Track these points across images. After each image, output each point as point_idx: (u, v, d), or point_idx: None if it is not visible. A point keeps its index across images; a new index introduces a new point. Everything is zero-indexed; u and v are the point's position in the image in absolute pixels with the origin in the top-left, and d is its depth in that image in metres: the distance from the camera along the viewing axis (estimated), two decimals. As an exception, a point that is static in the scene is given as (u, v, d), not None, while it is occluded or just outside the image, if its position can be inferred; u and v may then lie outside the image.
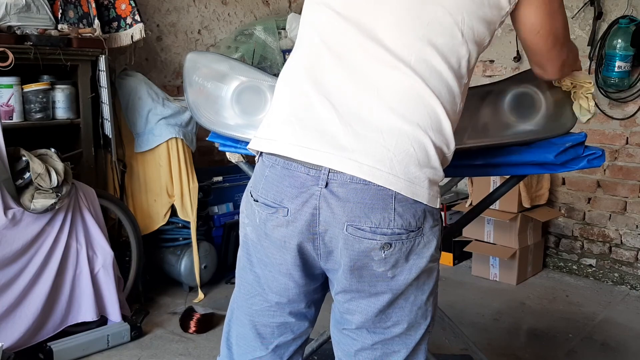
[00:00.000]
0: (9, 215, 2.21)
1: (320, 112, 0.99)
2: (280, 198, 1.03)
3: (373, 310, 1.04)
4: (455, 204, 3.58)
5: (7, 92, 2.44)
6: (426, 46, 1.00)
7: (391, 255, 0.99)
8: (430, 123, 0.98)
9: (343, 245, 1.00)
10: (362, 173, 0.95)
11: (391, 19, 1.02)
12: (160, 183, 2.94)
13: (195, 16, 3.52)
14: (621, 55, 2.97)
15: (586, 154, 1.29)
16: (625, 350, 2.54)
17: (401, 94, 0.98)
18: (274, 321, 1.16)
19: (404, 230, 0.98)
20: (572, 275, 3.44)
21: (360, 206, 0.96)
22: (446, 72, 1.01)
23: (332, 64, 1.02)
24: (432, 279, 1.05)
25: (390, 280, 1.01)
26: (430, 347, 1.83)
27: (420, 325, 1.07)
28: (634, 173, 3.20)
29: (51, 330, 2.37)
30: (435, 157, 0.99)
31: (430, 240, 1.01)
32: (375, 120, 0.97)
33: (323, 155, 0.97)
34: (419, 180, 0.97)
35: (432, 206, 1.00)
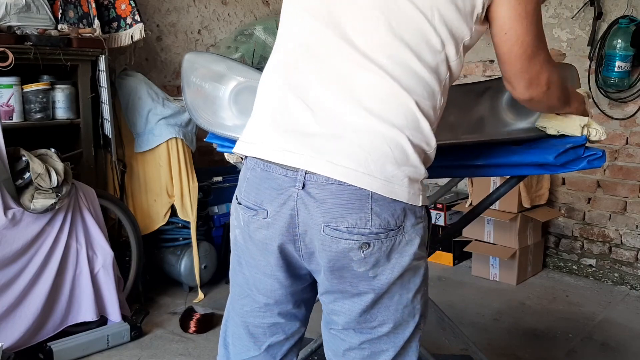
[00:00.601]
0: (9, 215, 2.21)
1: (297, 115, 1.01)
2: (260, 200, 1.05)
3: (357, 311, 1.04)
4: (455, 204, 3.58)
5: (7, 92, 2.44)
6: (397, 44, 1.00)
7: (371, 255, 0.99)
8: (407, 122, 0.98)
9: (321, 246, 1.00)
10: (337, 174, 0.96)
11: (360, 18, 1.02)
12: (160, 183, 2.94)
13: (195, 16, 3.52)
14: (621, 55, 2.97)
15: (586, 154, 1.29)
16: (625, 350, 2.54)
17: (375, 94, 0.98)
18: (264, 322, 1.17)
19: (382, 229, 0.98)
20: (572, 275, 3.44)
21: (336, 207, 0.97)
22: (420, 69, 1.00)
23: (308, 67, 1.04)
24: (418, 276, 1.04)
25: (373, 279, 1.01)
26: (430, 347, 1.84)
27: (409, 323, 1.06)
28: (634, 173, 3.20)
29: (51, 330, 2.37)
30: (414, 155, 0.99)
31: (412, 238, 1.01)
32: (350, 121, 0.97)
33: (300, 157, 0.99)
34: (397, 179, 0.97)
35: (413, 204, 1.00)
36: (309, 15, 1.07)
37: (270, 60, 1.13)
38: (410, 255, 1.01)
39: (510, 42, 1.06)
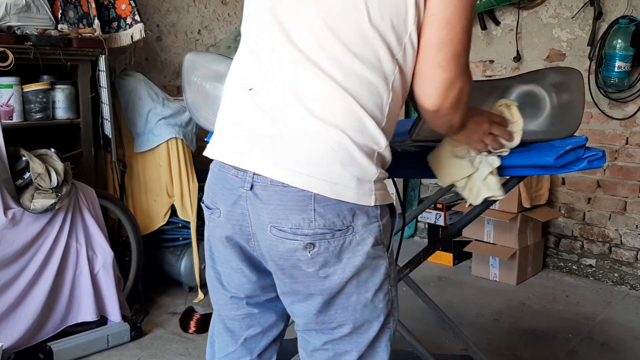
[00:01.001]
0: (9, 215, 2.21)
1: (249, 116, 1.02)
2: (215, 199, 1.09)
3: (312, 312, 1.04)
4: (455, 204, 3.58)
5: (7, 92, 2.44)
6: (334, 43, 0.99)
7: (318, 255, 0.99)
8: (349, 122, 0.97)
9: (269, 245, 1.02)
10: (281, 176, 0.97)
11: (301, 18, 1.02)
12: (160, 183, 2.94)
13: (195, 16, 3.52)
14: (621, 55, 2.97)
15: (587, 155, 1.29)
16: (625, 350, 2.54)
17: (316, 95, 0.98)
18: (238, 314, 1.18)
19: (327, 230, 0.98)
20: (572, 275, 3.44)
21: (281, 208, 0.98)
22: (360, 67, 0.98)
23: (259, 69, 1.04)
24: (377, 276, 1.03)
25: (324, 280, 1.01)
26: (430, 347, 1.84)
27: (372, 323, 1.05)
28: (634, 173, 3.20)
29: (51, 330, 2.37)
30: (361, 155, 0.98)
31: (364, 238, 1.00)
32: (295, 123, 0.98)
33: (248, 158, 1.01)
34: (343, 180, 0.97)
35: (363, 204, 0.99)
36: (260, 13, 1.07)
37: (234, 60, 1.14)
38: (362, 255, 1.00)
39: (437, 25, 0.99)
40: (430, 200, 2.09)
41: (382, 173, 1.02)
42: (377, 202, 1.00)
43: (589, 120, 3.29)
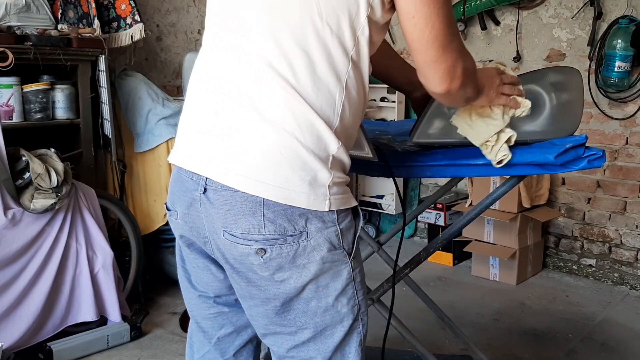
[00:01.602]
0: (8, 215, 2.21)
1: (203, 118, 1.01)
2: (173, 201, 1.09)
3: (271, 314, 1.02)
4: (455, 204, 3.58)
5: (7, 92, 2.44)
6: (284, 39, 0.95)
7: (271, 260, 0.97)
8: (298, 124, 0.94)
9: (223, 248, 1.01)
10: (229, 181, 0.95)
11: (254, 15, 0.99)
12: (160, 183, 2.94)
13: (195, 16, 3.52)
14: (621, 55, 2.97)
15: (587, 154, 1.29)
16: (625, 350, 2.54)
17: (264, 96, 0.95)
18: (209, 313, 1.18)
19: (278, 235, 0.96)
20: (572, 275, 3.44)
21: (231, 213, 0.97)
22: (309, 64, 0.95)
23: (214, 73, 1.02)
24: (338, 280, 1.01)
25: (280, 284, 0.99)
26: (430, 347, 1.84)
27: (335, 328, 1.03)
28: (634, 173, 3.20)
29: (51, 330, 2.37)
30: (312, 159, 0.95)
31: (320, 243, 0.98)
32: (244, 125, 0.96)
33: (200, 162, 1.00)
34: (293, 184, 0.94)
35: (316, 209, 0.96)
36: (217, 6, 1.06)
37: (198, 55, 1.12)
38: (318, 260, 0.98)
39: (419, 26, 0.97)
40: (430, 200, 2.08)
41: (339, 177, 0.99)
42: (332, 207, 0.97)
43: (589, 120, 3.29)
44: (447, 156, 1.37)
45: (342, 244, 1.00)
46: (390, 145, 1.51)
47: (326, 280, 1.00)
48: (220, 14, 1.04)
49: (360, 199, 4.04)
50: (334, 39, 0.96)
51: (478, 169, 1.39)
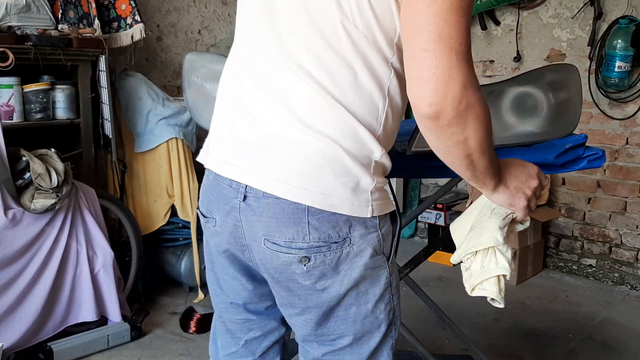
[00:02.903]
0: (9, 215, 2.22)
1: (239, 125, 0.99)
2: (210, 208, 1.06)
3: (311, 324, 1.01)
4: (455, 204, 3.58)
5: (7, 92, 2.44)
6: (318, 41, 0.92)
7: (314, 268, 0.95)
8: (341, 132, 0.92)
9: (262, 258, 0.99)
10: (272, 188, 0.93)
11: (287, 17, 0.95)
12: (160, 183, 2.94)
13: (196, 16, 3.52)
14: (621, 55, 2.97)
15: (586, 154, 1.29)
16: (625, 350, 2.54)
17: (305, 103, 0.92)
18: (238, 318, 1.17)
19: (322, 242, 0.94)
20: (572, 275, 3.44)
21: (274, 220, 0.94)
22: (350, 73, 0.92)
23: (246, 70, 1.00)
24: (377, 286, 1.00)
25: (322, 292, 0.97)
26: (430, 347, 1.84)
27: (373, 334, 1.02)
28: (634, 173, 3.20)
29: (51, 330, 2.37)
30: (356, 166, 0.92)
31: (362, 249, 0.96)
32: (284, 131, 0.93)
33: (239, 170, 0.97)
34: (336, 191, 0.92)
35: (359, 216, 0.94)
36: (252, 8, 1.01)
37: (225, 64, 1.09)
38: (360, 266, 0.96)
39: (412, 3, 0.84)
40: (430, 200, 2.09)
41: (380, 182, 0.97)
42: (374, 213, 0.95)
43: (589, 120, 3.29)
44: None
45: (382, 249, 0.99)
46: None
47: (366, 286, 0.99)
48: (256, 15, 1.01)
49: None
50: (371, 47, 0.92)
51: (478, 169, 1.38)
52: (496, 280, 1.03)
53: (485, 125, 0.88)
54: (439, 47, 0.82)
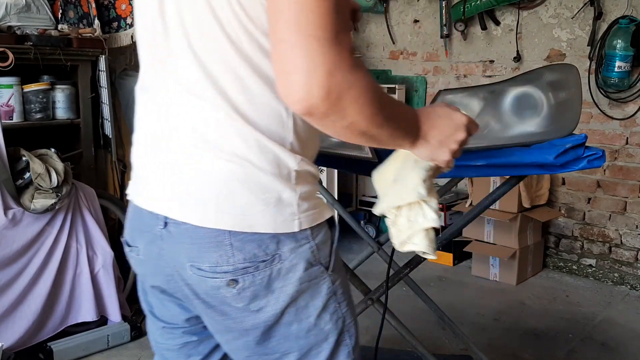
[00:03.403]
0: (9, 215, 2.22)
1: (153, 154, 0.95)
2: (133, 237, 1.02)
3: (251, 346, 0.96)
4: (455, 204, 3.58)
5: (7, 92, 2.44)
6: (210, 63, 0.86)
7: (244, 290, 0.90)
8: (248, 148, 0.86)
9: (192, 284, 0.93)
10: (187, 216, 0.89)
11: (175, 38, 0.90)
12: (160, 183, 2.94)
13: (195, 16, 3.52)
14: (621, 55, 2.97)
15: (586, 154, 1.29)
16: (625, 350, 2.54)
17: (210, 125, 0.87)
18: (175, 344, 1.09)
19: (248, 263, 0.88)
20: (572, 275, 3.44)
21: (196, 246, 0.90)
22: (240, 85, 0.85)
23: (153, 101, 0.96)
24: (318, 298, 0.94)
25: (258, 313, 0.92)
26: (430, 347, 1.84)
27: (321, 346, 0.97)
28: (634, 173, 3.20)
29: (51, 330, 2.37)
30: (272, 180, 0.87)
31: (295, 264, 0.90)
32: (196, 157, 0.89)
33: (155, 199, 0.94)
34: (255, 210, 0.87)
35: (285, 231, 0.89)
36: (143, 31, 0.97)
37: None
38: (295, 282, 0.91)
39: None
40: (430, 200, 2.08)
41: (307, 192, 0.91)
42: (303, 225, 0.90)
43: (589, 120, 3.29)
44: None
45: (319, 259, 0.93)
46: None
47: (305, 300, 0.93)
48: (149, 39, 0.96)
49: (360, 199, 4.04)
50: (254, 48, 0.84)
51: (478, 170, 1.39)
52: (425, 234, 1.01)
53: (370, 101, 0.79)
54: (298, 37, 0.74)
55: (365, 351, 2.31)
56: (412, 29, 3.97)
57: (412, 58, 4.01)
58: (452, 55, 3.78)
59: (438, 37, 3.77)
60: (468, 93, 1.45)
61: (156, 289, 1.04)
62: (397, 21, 4.03)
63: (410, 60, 4.02)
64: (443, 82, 3.86)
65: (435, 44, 3.86)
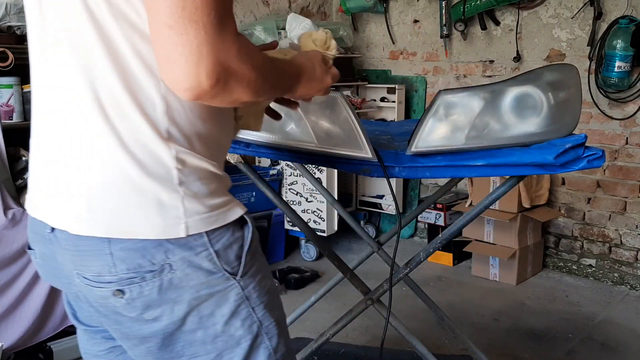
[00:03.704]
0: (9, 215, 2.22)
1: (37, 165, 0.91)
2: (32, 239, 0.98)
3: (154, 351, 0.90)
4: (455, 204, 3.58)
5: (7, 92, 2.44)
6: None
7: (133, 300, 0.84)
8: (118, 141, 0.79)
9: (82, 292, 0.89)
10: (64, 224, 0.84)
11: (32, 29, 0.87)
12: (160, 183, 2.94)
13: (195, 16, 3.52)
14: (621, 55, 2.98)
15: (586, 154, 1.29)
16: (625, 350, 2.54)
17: (80, 125, 0.82)
18: (100, 349, 1.06)
19: (133, 274, 0.82)
20: (571, 275, 3.44)
21: (78, 255, 0.85)
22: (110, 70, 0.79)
23: (37, 111, 0.91)
24: (225, 306, 0.88)
25: (154, 322, 0.86)
26: (430, 347, 1.84)
27: (233, 351, 0.91)
28: (634, 173, 3.20)
29: (51, 330, 2.37)
30: (147, 178, 0.80)
31: (189, 273, 0.84)
32: (72, 163, 0.84)
33: (37, 205, 0.91)
34: (133, 215, 0.80)
35: (170, 237, 0.81)
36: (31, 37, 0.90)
37: None
38: (191, 291, 0.85)
39: None
40: (430, 200, 2.09)
41: (196, 192, 0.83)
42: (191, 231, 0.82)
43: (589, 120, 3.29)
44: (447, 157, 1.37)
45: (221, 267, 0.86)
46: (390, 145, 1.51)
47: (209, 308, 0.87)
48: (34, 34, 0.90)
49: (360, 199, 4.04)
50: (118, 20, 0.78)
51: (477, 170, 1.39)
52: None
53: (255, 78, 0.78)
54: (184, 23, 0.70)
55: (368, 351, 2.32)
56: (412, 29, 3.97)
57: (412, 58, 4.01)
58: (452, 55, 3.78)
59: (438, 37, 3.77)
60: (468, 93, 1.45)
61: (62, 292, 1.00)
62: (397, 21, 4.03)
63: (410, 60, 4.02)
64: (443, 82, 3.86)
65: (435, 44, 3.86)
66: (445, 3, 3.62)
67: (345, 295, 2.78)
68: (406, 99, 3.97)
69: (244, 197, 3.40)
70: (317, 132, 1.41)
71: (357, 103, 3.78)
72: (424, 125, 1.35)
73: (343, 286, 2.19)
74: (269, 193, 1.73)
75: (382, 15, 4.05)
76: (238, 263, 0.88)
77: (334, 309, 2.74)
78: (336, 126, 1.41)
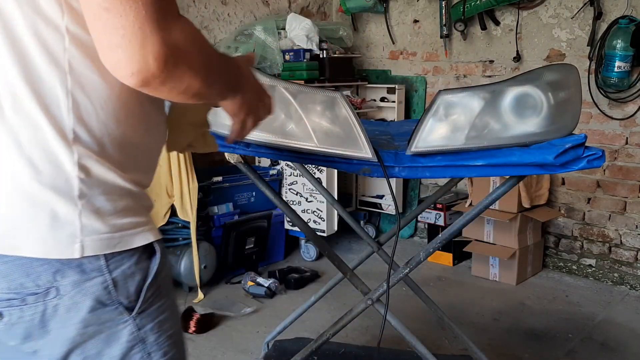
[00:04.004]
0: None
1: None
2: None
3: None
4: (455, 204, 3.58)
5: (7, 92, 2.44)
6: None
7: (13, 326, 0.74)
8: (13, 139, 0.71)
9: None
10: None
11: None
12: (159, 183, 2.94)
13: (195, 16, 3.52)
14: (621, 55, 2.98)
15: (586, 154, 1.29)
16: (625, 350, 2.54)
17: None
18: None
19: (14, 294, 0.72)
20: (571, 275, 3.44)
21: None
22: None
23: None
24: (115, 346, 0.78)
25: (33, 356, 0.77)
26: (430, 347, 1.84)
27: None
28: (634, 173, 3.20)
29: None
30: (42, 188, 0.71)
31: (78, 301, 0.74)
32: None
33: None
34: (20, 227, 0.71)
35: (60, 257, 0.72)
36: None
37: None
38: (76, 324, 0.75)
39: None
40: (430, 200, 2.09)
41: (100, 208, 0.74)
42: (86, 252, 0.72)
43: (589, 120, 3.29)
44: (447, 157, 1.37)
45: (116, 298, 0.76)
46: (390, 145, 1.51)
47: (97, 346, 0.77)
48: None
49: (360, 199, 4.05)
50: (20, 9, 0.69)
51: (477, 170, 1.39)
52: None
53: (203, 62, 0.72)
54: (122, 3, 0.64)
55: (368, 351, 2.32)
56: (412, 29, 3.97)
57: (412, 58, 4.01)
58: (451, 55, 3.78)
59: (438, 37, 3.77)
60: (468, 93, 1.45)
61: None
62: (397, 21, 4.03)
63: (410, 60, 4.02)
64: (443, 82, 3.86)
65: (435, 44, 3.86)
66: (445, 3, 3.62)
67: (345, 295, 2.78)
68: (406, 99, 3.98)
69: (244, 197, 3.40)
70: (317, 132, 1.41)
71: (357, 103, 3.78)
72: (424, 125, 1.35)
73: (343, 286, 2.19)
74: (269, 193, 1.73)
75: (382, 15, 4.05)
76: (135, 298, 0.78)
77: (334, 309, 2.74)
78: (336, 126, 1.41)
